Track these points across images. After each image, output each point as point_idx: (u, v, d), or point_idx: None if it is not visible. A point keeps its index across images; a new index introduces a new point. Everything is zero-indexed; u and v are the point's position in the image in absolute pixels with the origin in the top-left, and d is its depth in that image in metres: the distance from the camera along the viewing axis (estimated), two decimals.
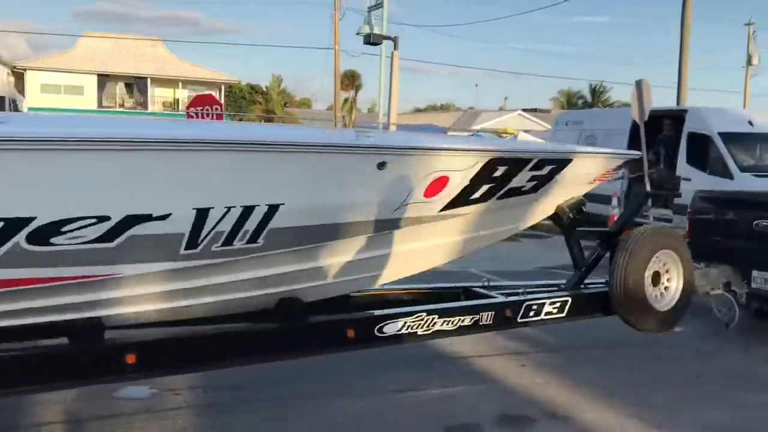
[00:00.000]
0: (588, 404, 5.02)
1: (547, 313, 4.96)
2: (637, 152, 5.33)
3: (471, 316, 4.66)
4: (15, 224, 3.07)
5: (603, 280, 5.23)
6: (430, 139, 4.68)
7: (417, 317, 4.44)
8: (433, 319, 4.49)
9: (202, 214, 3.47)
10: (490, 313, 4.74)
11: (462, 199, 4.37)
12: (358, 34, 21.24)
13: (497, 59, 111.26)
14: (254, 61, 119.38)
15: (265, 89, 54.49)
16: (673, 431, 4.63)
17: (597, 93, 55.65)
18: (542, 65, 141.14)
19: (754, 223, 6.14)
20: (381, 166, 3.91)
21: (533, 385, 5.39)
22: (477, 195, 4.44)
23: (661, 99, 18.31)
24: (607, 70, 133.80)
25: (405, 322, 4.38)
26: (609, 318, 5.15)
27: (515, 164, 4.51)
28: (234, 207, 3.54)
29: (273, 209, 3.65)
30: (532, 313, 4.90)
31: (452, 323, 4.58)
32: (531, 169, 4.59)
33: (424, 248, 4.58)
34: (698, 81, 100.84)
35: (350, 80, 54.36)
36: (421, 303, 4.84)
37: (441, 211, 4.34)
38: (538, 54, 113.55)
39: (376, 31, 20.04)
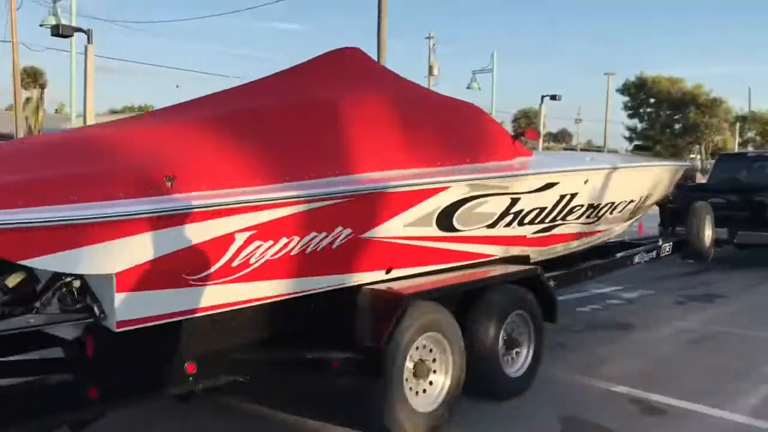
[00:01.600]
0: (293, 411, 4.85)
1: (666, 252, 8.37)
2: (688, 163, 10.30)
3: (649, 254, 8.01)
4: (594, 209, 6.27)
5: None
6: (666, 161, 9.31)
7: (640, 254, 7.84)
8: (642, 254, 7.86)
9: (616, 204, 6.64)
10: (655, 251, 8.14)
11: None
12: (41, 25, 19.08)
13: (198, 60, 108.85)
14: None
15: None
16: None
17: None
18: (239, 68, 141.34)
19: (710, 200, 9.72)
20: (683, 174, 7.82)
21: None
22: None
23: None
24: None
25: (639, 255, 7.79)
26: None
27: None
28: (621, 202, 6.75)
29: (626, 204, 6.88)
30: (662, 252, 8.30)
31: (647, 257, 7.95)
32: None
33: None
34: None
35: (32, 78, 48.85)
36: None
37: None
38: (233, 57, 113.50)
39: (64, 22, 18.12)
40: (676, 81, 53.49)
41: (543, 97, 27.26)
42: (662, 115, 54.82)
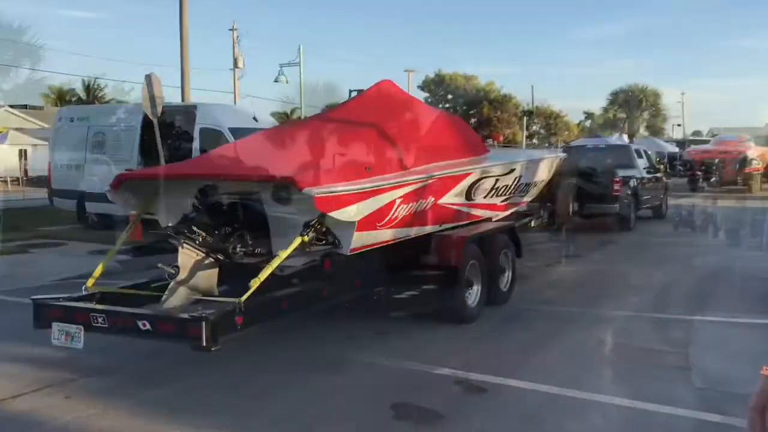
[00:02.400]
0: (158, 424, 4.54)
1: (545, 220, 10.79)
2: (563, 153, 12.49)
3: (537, 221, 10.41)
4: (527, 186, 9.36)
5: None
6: (559, 153, 12.25)
7: (533, 220, 10.33)
8: (534, 220, 10.37)
9: (535, 183, 9.67)
10: (539, 219, 10.46)
11: None
12: None
13: None
14: None
15: None
16: (244, 423, 4.51)
17: (92, 90, 53.36)
18: (25, 59, 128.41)
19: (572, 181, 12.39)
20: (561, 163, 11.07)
21: (87, 417, 4.64)
22: None
23: (169, 97, 18.28)
24: (102, 68, 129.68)
25: (533, 221, 10.37)
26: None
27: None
28: (537, 182, 9.75)
29: (539, 183, 9.86)
30: (543, 220, 10.71)
31: (537, 222, 10.41)
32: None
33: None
34: (197, 81, 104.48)
35: None
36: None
37: None
38: (17, 45, 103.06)
39: None
40: (471, 78, 56.98)
41: (351, 91, 27.45)
42: (459, 110, 58.04)
